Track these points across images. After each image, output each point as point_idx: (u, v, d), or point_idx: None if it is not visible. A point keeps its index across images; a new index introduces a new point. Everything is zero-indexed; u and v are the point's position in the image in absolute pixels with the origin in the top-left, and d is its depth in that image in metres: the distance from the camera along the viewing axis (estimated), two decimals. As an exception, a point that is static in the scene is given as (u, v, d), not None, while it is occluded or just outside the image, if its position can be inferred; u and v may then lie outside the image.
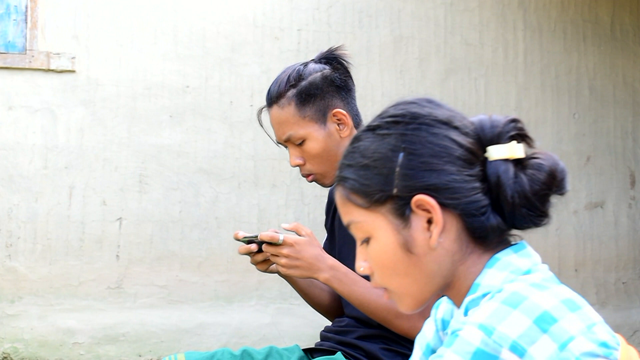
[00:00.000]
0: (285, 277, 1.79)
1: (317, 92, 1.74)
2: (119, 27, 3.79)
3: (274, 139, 1.83)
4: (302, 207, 4.00)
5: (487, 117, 1.00)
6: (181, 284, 3.81)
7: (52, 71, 3.69)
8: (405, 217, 0.98)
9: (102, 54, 3.76)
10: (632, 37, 4.74)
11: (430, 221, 0.98)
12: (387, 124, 1.01)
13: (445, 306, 1.13)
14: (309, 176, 1.79)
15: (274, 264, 1.71)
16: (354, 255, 1.80)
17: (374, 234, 1.01)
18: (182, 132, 3.85)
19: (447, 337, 0.94)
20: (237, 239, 1.70)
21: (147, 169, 3.80)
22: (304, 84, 1.74)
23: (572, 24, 4.60)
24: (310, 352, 1.85)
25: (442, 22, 4.31)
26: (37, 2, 3.67)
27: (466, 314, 0.96)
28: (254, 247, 1.68)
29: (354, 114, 1.80)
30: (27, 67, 3.66)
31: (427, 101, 1.02)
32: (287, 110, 1.74)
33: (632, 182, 4.71)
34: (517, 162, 0.97)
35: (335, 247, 1.89)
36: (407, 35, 4.23)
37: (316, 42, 4.02)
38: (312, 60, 1.82)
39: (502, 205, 0.97)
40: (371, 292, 1.66)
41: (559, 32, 4.57)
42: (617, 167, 4.66)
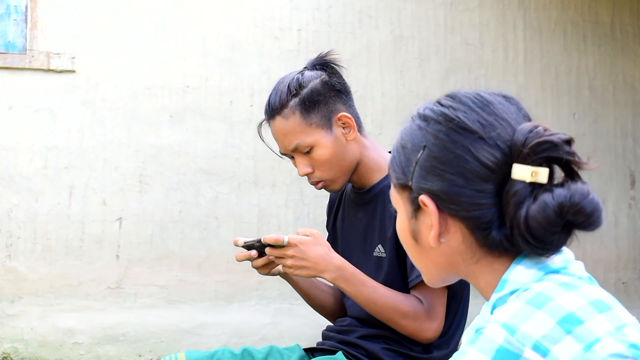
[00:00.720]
0: (287, 278, 1.79)
1: (320, 99, 1.74)
2: (119, 27, 3.79)
3: (277, 151, 1.82)
4: (302, 207, 4.00)
5: (529, 129, 0.94)
6: (181, 284, 3.81)
7: (52, 71, 3.69)
8: (415, 208, 1.01)
9: (102, 54, 3.76)
10: (632, 37, 4.74)
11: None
12: (426, 118, 1.01)
13: None
14: (318, 183, 1.77)
15: (275, 267, 1.71)
16: (357, 256, 1.81)
17: (398, 211, 1.06)
18: (182, 132, 3.85)
19: (471, 334, 0.94)
20: (237, 246, 1.69)
21: (147, 169, 3.79)
22: (305, 91, 1.74)
23: (572, 24, 4.60)
24: (311, 352, 1.85)
25: (442, 22, 4.30)
26: (37, 2, 3.67)
27: (493, 311, 0.96)
28: (254, 254, 1.68)
29: (355, 117, 1.80)
30: (27, 67, 3.66)
31: (473, 101, 0.99)
32: (292, 119, 1.73)
33: (632, 182, 4.71)
34: (538, 187, 0.93)
35: (337, 247, 1.89)
36: (407, 35, 4.23)
37: (316, 42, 4.02)
38: (305, 68, 1.81)
39: (517, 225, 0.94)
40: (378, 292, 1.66)
41: (559, 32, 4.57)
42: (617, 167, 4.66)
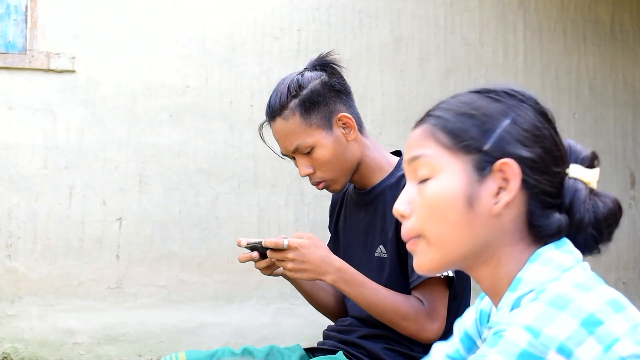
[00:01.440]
0: (289, 279, 1.79)
1: (320, 99, 1.74)
2: (119, 27, 3.79)
3: (278, 152, 1.82)
4: (302, 207, 4.00)
5: (574, 142, 1.06)
6: (181, 284, 3.81)
7: (52, 71, 3.69)
8: (483, 173, 0.99)
9: (102, 54, 3.76)
10: (632, 37, 4.74)
11: (500, 190, 0.99)
12: (503, 93, 1.03)
13: (488, 299, 1.13)
14: (320, 184, 1.78)
15: (278, 268, 1.71)
16: (358, 256, 1.81)
17: (442, 175, 1.00)
18: (182, 132, 3.85)
19: (487, 332, 0.94)
20: (240, 247, 1.70)
21: (147, 169, 3.79)
22: (305, 92, 1.74)
23: (572, 24, 4.60)
24: (311, 351, 1.85)
25: (442, 22, 4.30)
26: (37, 2, 3.67)
27: (516, 306, 0.95)
28: (255, 255, 1.68)
29: (356, 117, 1.80)
30: (27, 67, 3.66)
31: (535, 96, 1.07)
32: (292, 121, 1.73)
33: (632, 182, 4.71)
34: (590, 188, 1.03)
35: (340, 248, 1.89)
36: (407, 35, 4.23)
37: (316, 42, 4.02)
38: (305, 68, 1.81)
39: (571, 221, 1.01)
40: (378, 293, 1.66)
41: (559, 32, 4.57)
42: (617, 167, 4.66)
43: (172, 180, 3.82)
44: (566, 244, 1.00)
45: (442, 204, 0.99)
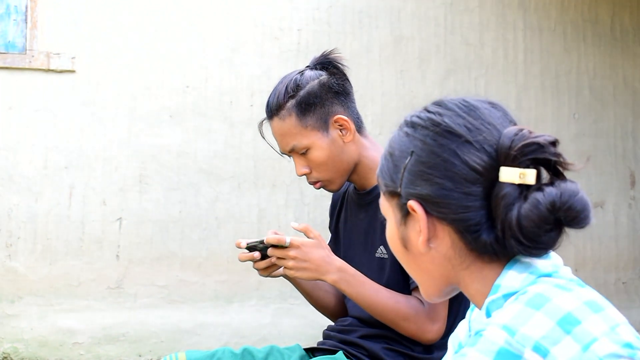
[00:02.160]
0: (290, 279, 1.79)
1: (317, 101, 1.74)
2: (119, 27, 3.79)
3: (278, 149, 1.82)
4: (302, 207, 4.00)
5: (514, 133, 0.96)
6: (181, 284, 3.81)
7: (52, 71, 3.69)
8: (404, 215, 1.01)
9: (102, 54, 3.76)
10: (632, 37, 4.74)
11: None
12: (414, 125, 1.02)
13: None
14: (316, 183, 1.79)
15: (277, 269, 1.71)
16: (359, 257, 1.81)
17: (387, 219, 1.06)
18: (182, 132, 3.85)
19: (469, 338, 0.94)
20: (240, 248, 1.69)
21: (147, 169, 3.79)
22: (302, 93, 1.74)
23: (572, 24, 4.60)
24: (311, 351, 1.85)
25: (442, 22, 4.30)
26: (37, 2, 3.67)
27: (488, 314, 0.96)
28: (256, 255, 1.68)
29: (355, 118, 1.80)
30: (27, 67, 3.66)
31: (459, 106, 1.00)
32: (288, 121, 1.74)
33: (632, 182, 4.71)
34: (527, 188, 0.94)
35: (340, 249, 1.89)
36: (407, 35, 4.23)
37: (316, 42, 4.02)
38: (307, 67, 1.81)
39: (499, 229, 0.95)
40: (379, 294, 1.66)
41: (559, 32, 4.57)
42: (617, 167, 4.66)
43: (172, 180, 3.82)
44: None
45: (394, 249, 1.06)
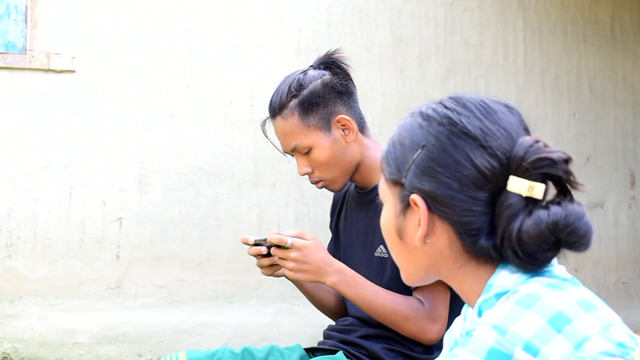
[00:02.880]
0: (292, 280, 1.79)
1: (319, 100, 1.74)
2: (119, 27, 3.79)
3: (280, 148, 1.83)
4: (302, 207, 4.00)
5: (530, 143, 0.94)
6: (181, 284, 3.81)
7: (52, 71, 3.69)
8: (404, 206, 1.01)
9: (102, 54, 3.76)
10: (632, 37, 4.74)
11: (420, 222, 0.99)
12: (429, 118, 1.02)
13: None
14: (318, 183, 1.79)
15: (279, 269, 1.71)
16: (358, 256, 1.81)
17: (385, 205, 1.06)
18: (182, 132, 3.85)
19: (460, 337, 0.94)
20: (246, 244, 1.71)
21: (147, 169, 3.79)
22: (305, 93, 1.74)
23: (572, 24, 4.60)
24: (312, 351, 1.85)
25: (442, 22, 4.30)
26: (37, 2, 3.67)
27: (480, 314, 0.96)
28: (263, 250, 1.69)
29: (358, 117, 1.80)
30: (27, 67, 3.66)
31: (477, 108, 1.00)
32: (290, 121, 1.74)
33: (632, 182, 4.71)
34: (533, 202, 0.93)
35: (340, 248, 1.89)
36: (407, 35, 4.23)
37: (316, 42, 4.02)
38: (310, 66, 1.82)
39: (500, 237, 0.95)
40: (378, 295, 1.66)
41: (559, 32, 4.57)
42: (617, 167, 4.66)
43: (172, 180, 3.82)
44: None
45: (386, 235, 1.07)
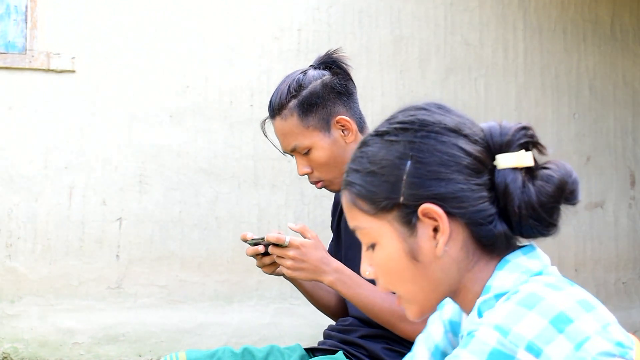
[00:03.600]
0: (291, 279, 1.79)
1: (319, 101, 1.74)
2: (119, 27, 3.79)
3: (280, 148, 1.83)
4: (302, 207, 4.00)
5: (497, 124, 0.99)
6: (181, 284, 3.81)
7: (52, 71, 3.69)
8: (411, 225, 0.98)
9: (102, 54, 3.76)
10: (632, 37, 4.74)
11: (436, 229, 0.98)
12: (396, 130, 1.00)
13: (451, 307, 1.13)
14: (318, 183, 1.79)
15: (280, 267, 1.71)
16: (359, 257, 1.80)
17: (380, 240, 1.01)
18: (182, 132, 3.85)
19: (461, 339, 0.94)
20: (245, 241, 1.71)
21: (147, 169, 3.79)
22: (304, 93, 1.74)
23: (572, 24, 4.60)
24: (312, 351, 1.85)
25: (442, 22, 4.30)
26: (37, 2, 3.67)
27: (480, 315, 0.96)
28: (261, 249, 1.69)
29: (357, 118, 1.80)
30: (27, 67, 3.66)
31: (437, 107, 1.01)
32: (290, 121, 1.74)
33: (632, 182, 4.71)
34: (527, 171, 0.96)
35: (341, 249, 1.89)
36: (407, 35, 4.23)
37: (316, 42, 4.02)
38: (310, 66, 1.81)
39: (509, 214, 0.96)
40: (375, 295, 1.66)
41: (559, 32, 4.57)
42: (617, 167, 4.66)
43: (172, 180, 3.82)
44: (533, 250, 1.00)
45: (393, 268, 1.01)
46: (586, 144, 4.56)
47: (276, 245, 1.65)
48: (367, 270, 1.05)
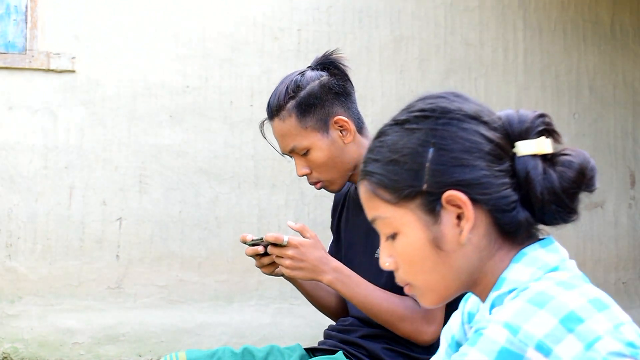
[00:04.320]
0: (291, 279, 1.79)
1: (317, 102, 1.74)
2: (119, 27, 3.79)
3: (279, 149, 1.83)
4: (302, 207, 4.00)
5: (515, 112, 1.00)
6: (181, 284, 3.81)
7: (52, 71, 3.69)
8: (435, 212, 0.97)
9: (102, 54, 3.76)
10: (632, 37, 4.74)
11: (460, 217, 0.97)
12: (416, 119, 1.01)
13: (473, 299, 1.12)
14: (317, 183, 1.79)
15: (279, 267, 1.71)
16: (359, 257, 1.81)
17: (402, 229, 1.00)
18: (182, 132, 3.85)
19: (470, 332, 0.93)
20: (244, 242, 1.71)
21: (147, 169, 3.79)
22: (302, 94, 1.74)
23: (572, 24, 4.60)
24: (312, 351, 1.85)
25: (442, 22, 4.30)
26: (37, 2, 3.67)
27: (491, 310, 0.95)
28: (260, 249, 1.69)
29: (356, 118, 1.80)
30: (27, 67, 3.66)
31: (455, 95, 1.02)
32: (288, 122, 1.74)
33: (632, 182, 4.71)
34: (546, 158, 0.97)
35: (341, 249, 1.89)
36: (407, 35, 4.23)
37: (316, 42, 4.02)
38: (308, 67, 1.81)
39: (532, 201, 0.96)
40: (375, 294, 1.66)
41: (559, 32, 4.57)
42: (617, 167, 4.66)
43: (172, 180, 3.82)
44: (552, 243, 1.00)
45: (415, 257, 0.99)
46: (586, 144, 4.56)
47: (275, 245, 1.65)
48: (386, 261, 1.03)
